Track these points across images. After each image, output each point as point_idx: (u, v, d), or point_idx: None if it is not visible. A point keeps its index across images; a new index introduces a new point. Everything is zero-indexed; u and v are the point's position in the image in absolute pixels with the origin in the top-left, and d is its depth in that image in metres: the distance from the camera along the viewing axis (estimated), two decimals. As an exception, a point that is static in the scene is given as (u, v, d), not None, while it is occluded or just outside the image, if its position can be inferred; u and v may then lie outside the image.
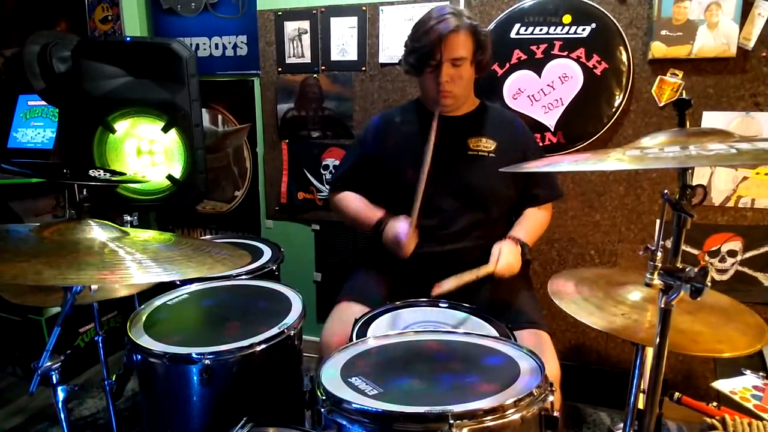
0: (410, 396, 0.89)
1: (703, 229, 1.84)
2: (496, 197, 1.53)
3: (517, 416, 0.83)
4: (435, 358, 1.07)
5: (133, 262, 0.91)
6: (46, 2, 2.47)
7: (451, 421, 0.79)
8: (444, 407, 0.81)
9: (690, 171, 0.83)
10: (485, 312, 1.34)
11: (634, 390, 1.09)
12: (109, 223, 1.04)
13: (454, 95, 1.46)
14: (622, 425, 1.20)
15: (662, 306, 0.81)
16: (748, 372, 1.51)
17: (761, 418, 1.30)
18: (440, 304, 1.39)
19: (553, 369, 1.24)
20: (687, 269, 0.77)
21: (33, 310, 2.13)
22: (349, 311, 1.42)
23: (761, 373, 1.51)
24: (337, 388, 0.92)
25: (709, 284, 0.75)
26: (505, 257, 1.41)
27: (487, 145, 1.51)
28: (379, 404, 0.86)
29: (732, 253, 1.84)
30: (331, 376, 0.97)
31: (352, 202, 1.63)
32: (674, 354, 0.86)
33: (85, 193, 1.10)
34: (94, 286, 1.18)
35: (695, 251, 1.86)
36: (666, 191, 0.94)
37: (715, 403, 1.31)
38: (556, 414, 0.87)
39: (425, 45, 1.38)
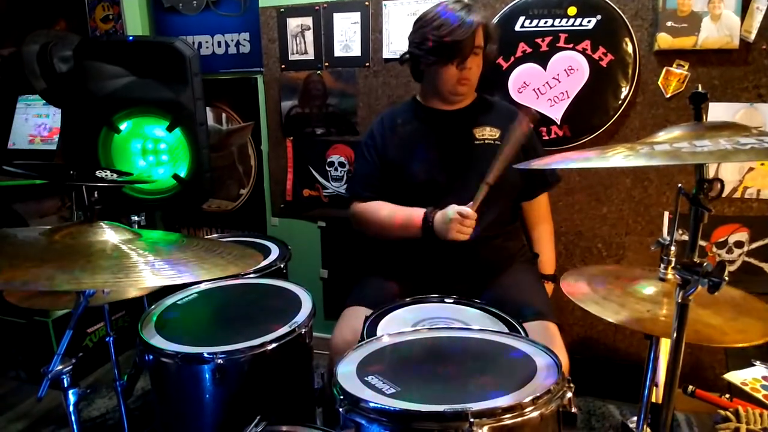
0: (428, 394, 0.89)
1: (710, 220, 1.83)
2: (505, 185, 1.52)
3: (535, 414, 0.82)
4: (450, 355, 1.06)
5: (146, 265, 0.91)
6: (43, 1, 2.44)
7: (471, 420, 0.78)
8: (463, 405, 0.81)
9: (706, 164, 0.82)
10: (493, 306, 1.34)
11: (648, 383, 1.10)
12: (121, 225, 1.03)
13: (470, 84, 1.51)
14: (635, 418, 1.20)
15: (679, 301, 0.81)
16: (758, 363, 1.52)
17: (772, 409, 1.31)
18: (446, 300, 1.39)
19: (562, 361, 1.23)
20: (705, 264, 0.77)
21: (39, 312, 2.10)
22: (358, 315, 1.41)
23: (770, 364, 1.52)
24: (354, 387, 0.92)
25: (727, 278, 0.75)
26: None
27: (492, 133, 1.54)
28: (398, 403, 0.86)
29: (739, 244, 1.84)
30: (347, 375, 0.97)
31: (383, 208, 1.56)
32: (685, 346, 0.86)
33: (96, 195, 1.09)
34: (107, 289, 1.18)
35: (703, 243, 1.85)
36: (680, 185, 0.93)
37: (727, 395, 1.32)
38: (574, 410, 0.87)
39: (461, 36, 1.40)
